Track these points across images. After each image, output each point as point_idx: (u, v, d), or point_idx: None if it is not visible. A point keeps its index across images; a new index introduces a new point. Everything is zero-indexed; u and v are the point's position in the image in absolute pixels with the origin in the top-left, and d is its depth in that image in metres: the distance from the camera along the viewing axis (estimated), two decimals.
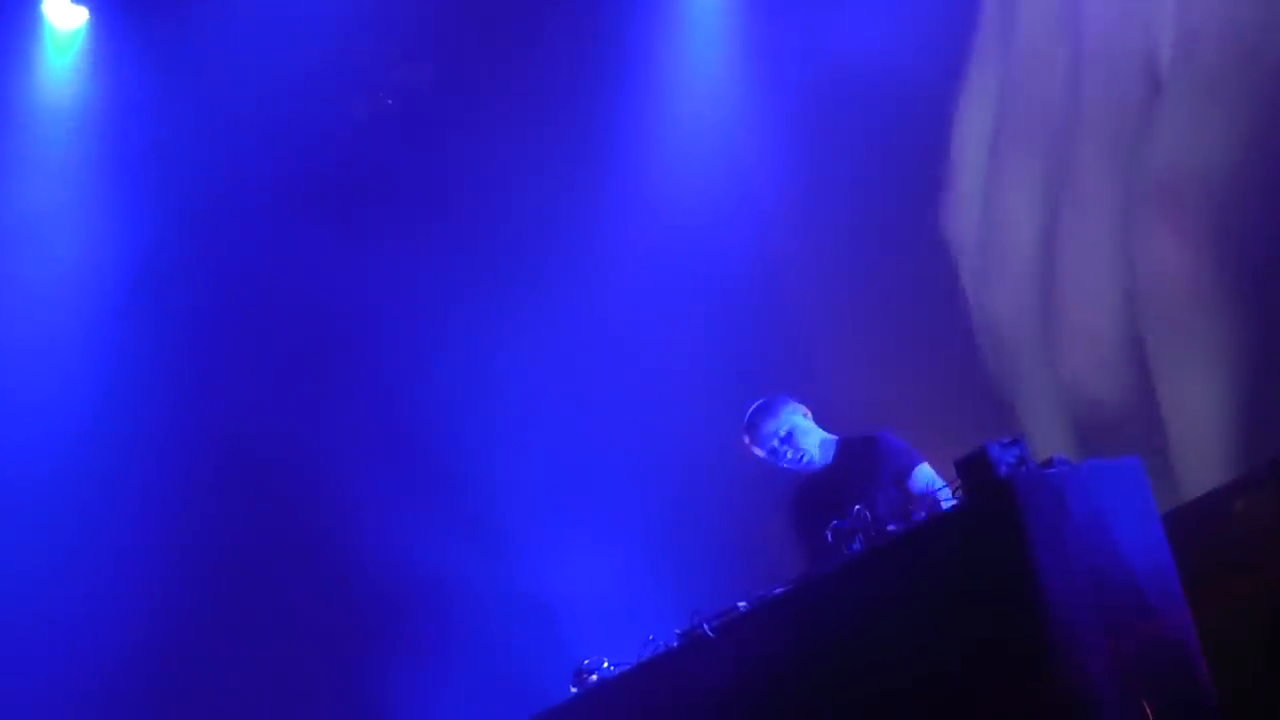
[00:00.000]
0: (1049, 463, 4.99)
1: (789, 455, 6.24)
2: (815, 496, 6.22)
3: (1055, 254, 7.81)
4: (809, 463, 6.26)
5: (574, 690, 6.06)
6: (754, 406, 6.33)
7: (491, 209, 9.37)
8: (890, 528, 5.34)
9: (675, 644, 5.71)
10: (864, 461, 6.15)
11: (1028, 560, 4.70)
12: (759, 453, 6.32)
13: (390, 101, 9.45)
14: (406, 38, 9.26)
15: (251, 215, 8.97)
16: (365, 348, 9.25)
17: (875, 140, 8.40)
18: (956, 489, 5.12)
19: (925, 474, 6.01)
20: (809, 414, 6.31)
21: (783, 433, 6.22)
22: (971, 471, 4.98)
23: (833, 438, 6.33)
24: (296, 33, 8.75)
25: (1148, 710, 4.56)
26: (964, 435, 5.45)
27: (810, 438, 6.25)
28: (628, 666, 5.89)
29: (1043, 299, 7.86)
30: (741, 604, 5.58)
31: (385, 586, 8.89)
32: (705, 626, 5.58)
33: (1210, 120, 7.17)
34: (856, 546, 5.31)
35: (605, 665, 5.99)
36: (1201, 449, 7.17)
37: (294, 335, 9.13)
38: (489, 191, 9.36)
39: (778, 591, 5.51)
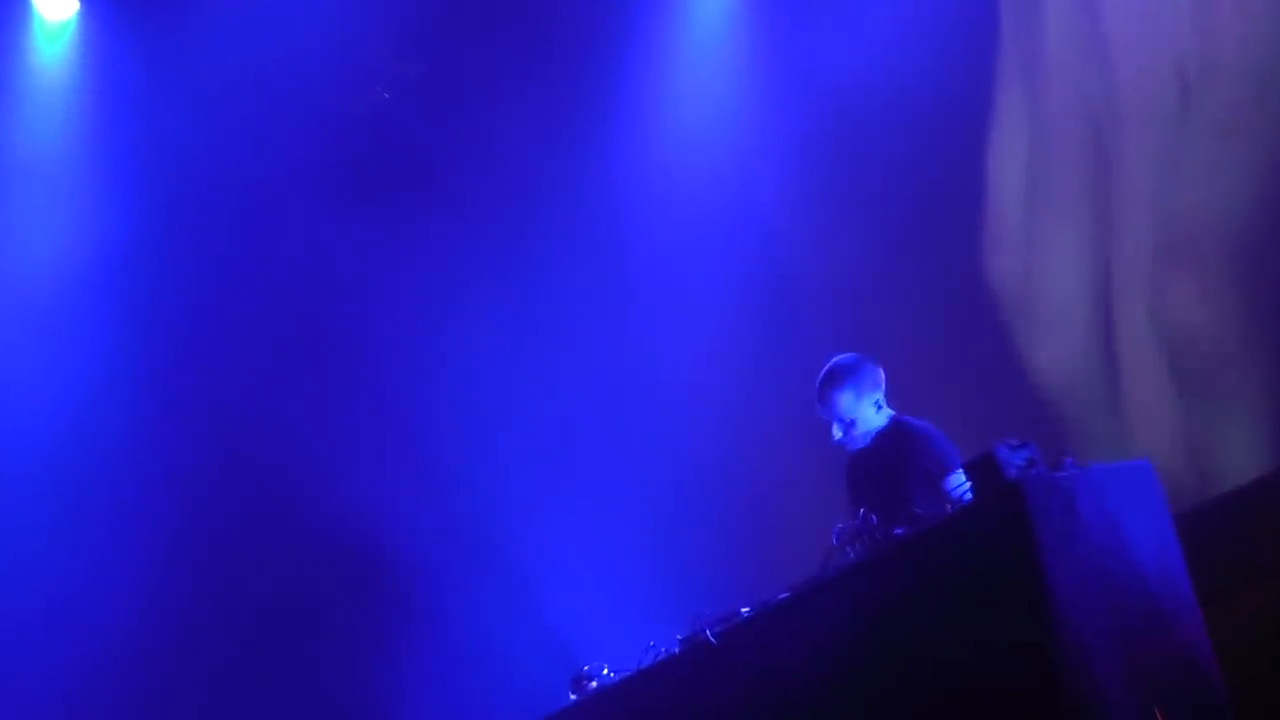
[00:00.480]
0: (1059, 465, 5.00)
1: (836, 435, 6.19)
2: (859, 476, 6.25)
3: (1110, 316, 7.73)
4: (852, 448, 6.22)
5: (573, 697, 6.06)
6: (843, 370, 6.22)
7: (493, 201, 9.37)
8: (897, 531, 5.34)
9: (677, 650, 5.71)
10: (897, 450, 6.14)
11: (1036, 564, 4.71)
12: (820, 412, 6.26)
13: (386, 95, 9.45)
14: (405, 32, 9.27)
15: (244, 205, 8.98)
16: (363, 341, 9.26)
17: (879, 147, 8.40)
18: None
19: (960, 479, 5.97)
20: (882, 398, 6.24)
21: (848, 418, 6.17)
22: (979, 474, 4.99)
23: (889, 415, 6.27)
24: (292, 23, 8.76)
25: (1158, 715, 4.57)
26: (973, 444, 5.43)
27: (866, 428, 6.21)
28: (628, 673, 5.88)
29: (1102, 364, 7.76)
30: (745, 609, 5.58)
31: (382, 589, 8.90)
32: (707, 632, 5.58)
33: (1228, 158, 7.16)
34: (860, 550, 5.32)
35: (605, 672, 5.99)
36: None
37: (289, 327, 9.14)
38: (491, 184, 9.37)
39: (782, 597, 5.51)
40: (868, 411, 6.17)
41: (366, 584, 8.93)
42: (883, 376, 6.24)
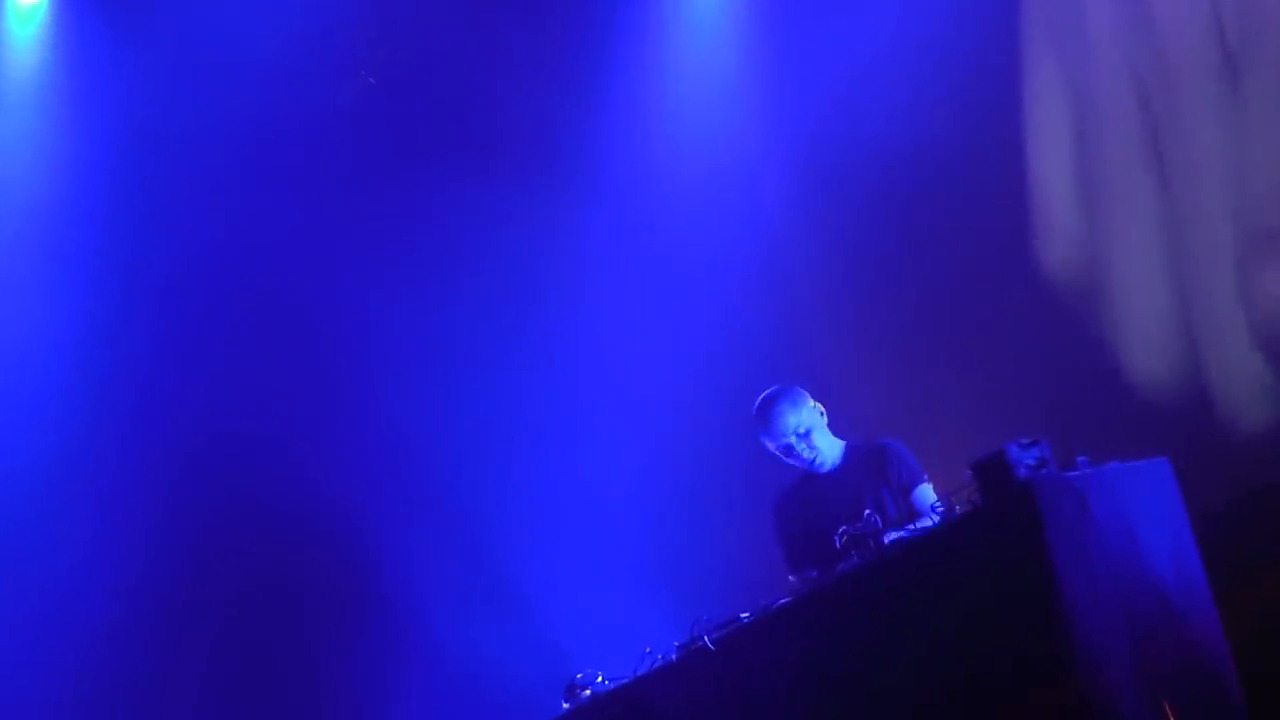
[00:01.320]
0: (1071, 464, 4.98)
1: (804, 453, 6.17)
2: (818, 500, 6.18)
3: (1189, 300, 7.58)
4: (821, 464, 6.22)
5: (566, 706, 6.06)
6: (770, 395, 6.21)
7: (487, 195, 9.34)
8: (904, 534, 5.33)
9: (673, 657, 5.71)
10: (875, 467, 6.14)
11: (1047, 567, 4.72)
12: (769, 445, 6.22)
13: (373, 81, 9.42)
14: (394, 14, 9.26)
15: (222, 191, 8.96)
16: (351, 339, 9.24)
17: (891, 136, 8.35)
18: (969, 498, 5.12)
19: (928, 493, 6.02)
20: (825, 412, 6.28)
21: (802, 429, 6.15)
22: (989, 474, 4.98)
23: (840, 441, 6.31)
24: (272, 4, 8.74)
25: (1171, 717, 4.57)
26: (972, 446, 5.41)
27: (826, 437, 6.22)
28: (622, 681, 5.89)
29: (1186, 353, 7.61)
30: (744, 615, 5.57)
31: (371, 593, 8.90)
32: (705, 639, 5.57)
33: None
34: (868, 553, 5.31)
35: (599, 680, 5.99)
36: None
37: (276, 321, 9.11)
38: (483, 178, 9.34)
39: (782, 601, 5.50)
40: (815, 419, 6.17)
41: (355, 585, 8.92)
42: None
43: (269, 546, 8.92)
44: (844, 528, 5.47)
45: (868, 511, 5.50)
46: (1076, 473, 4.95)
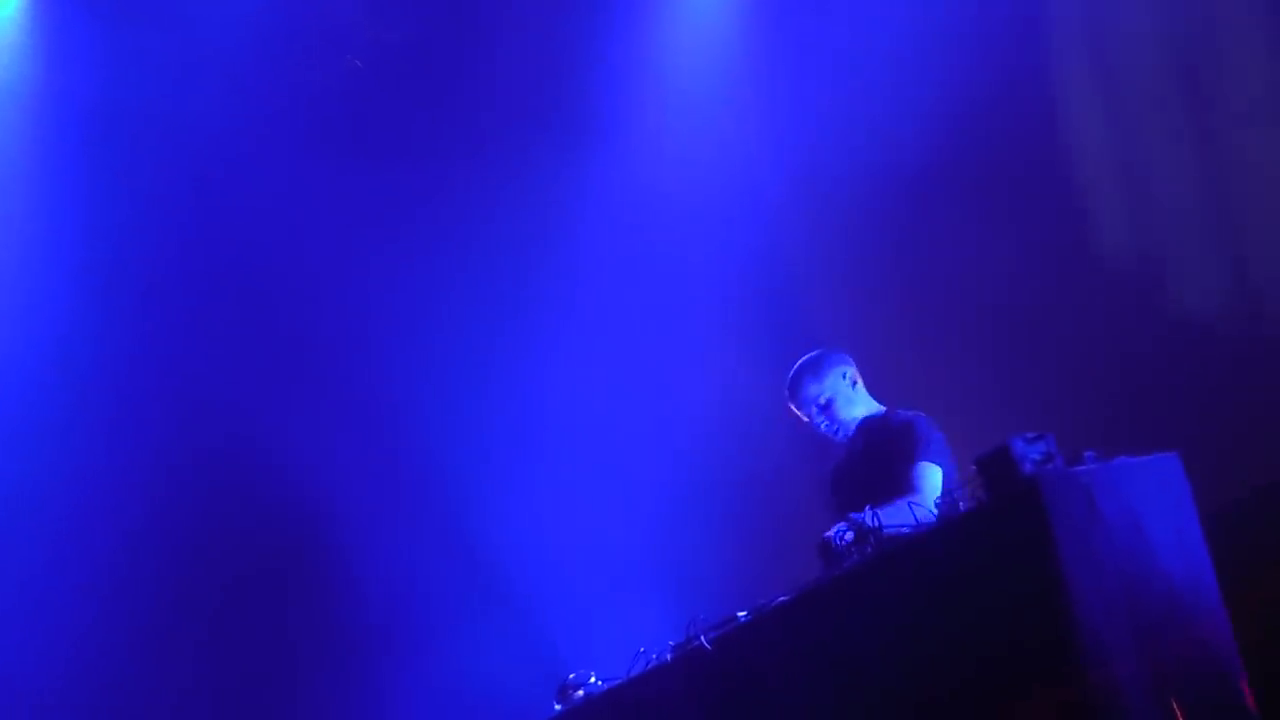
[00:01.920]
0: (1078, 459, 4.97)
1: (824, 426, 6.34)
2: (846, 475, 6.33)
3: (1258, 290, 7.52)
4: (843, 436, 6.34)
5: (558, 708, 6.06)
6: (802, 362, 6.38)
7: (488, 196, 9.34)
8: (904, 528, 5.32)
9: (668, 657, 5.70)
10: (894, 446, 6.16)
11: (1054, 563, 4.71)
12: (798, 414, 6.38)
13: (360, 63, 9.39)
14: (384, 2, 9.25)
15: (208, 179, 8.95)
16: (344, 332, 9.24)
17: (904, 123, 8.34)
18: (974, 493, 5.11)
19: (924, 473, 6.03)
20: (858, 379, 6.36)
21: (823, 400, 6.31)
22: (993, 468, 4.97)
23: (879, 410, 6.36)
24: None
25: (1179, 717, 4.57)
26: (978, 440, 5.40)
27: (852, 409, 6.32)
28: (616, 682, 5.88)
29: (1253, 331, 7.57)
30: (741, 614, 5.56)
31: (364, 591, 8.90)
32: (701, 638, 5.56)
33: None
34: (866, 549, 5.30)
35: (592, 680, 5.99)
36: None
37: (263, 316, 9.11)
38: (483, 178, 9.33)
39: (780, 600, 5.49)
40: (840, 387, 6.28)
41: (349, 584, 8.93)
42: (851, 361, 6.37)
43: (260, 547, 8.93)
44: (843, 524, 5.47)
45: (868, 508, 5.49)
46: (1083, 468, 4.93)
